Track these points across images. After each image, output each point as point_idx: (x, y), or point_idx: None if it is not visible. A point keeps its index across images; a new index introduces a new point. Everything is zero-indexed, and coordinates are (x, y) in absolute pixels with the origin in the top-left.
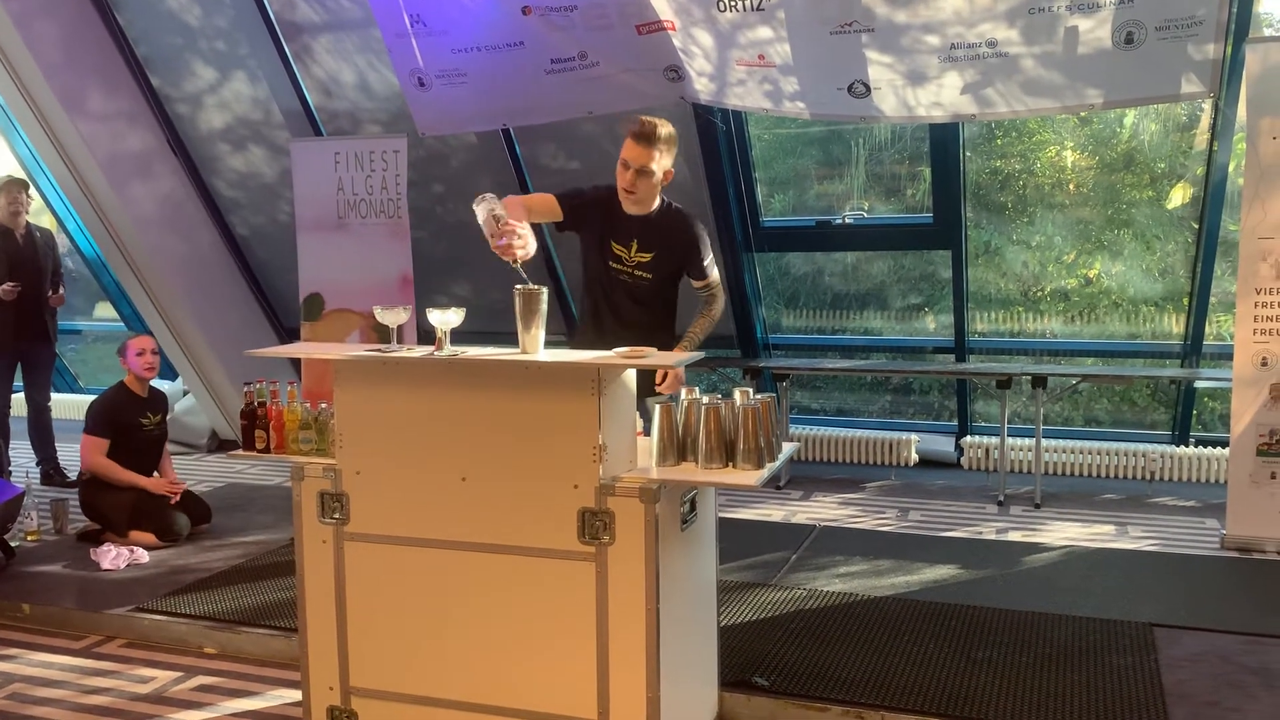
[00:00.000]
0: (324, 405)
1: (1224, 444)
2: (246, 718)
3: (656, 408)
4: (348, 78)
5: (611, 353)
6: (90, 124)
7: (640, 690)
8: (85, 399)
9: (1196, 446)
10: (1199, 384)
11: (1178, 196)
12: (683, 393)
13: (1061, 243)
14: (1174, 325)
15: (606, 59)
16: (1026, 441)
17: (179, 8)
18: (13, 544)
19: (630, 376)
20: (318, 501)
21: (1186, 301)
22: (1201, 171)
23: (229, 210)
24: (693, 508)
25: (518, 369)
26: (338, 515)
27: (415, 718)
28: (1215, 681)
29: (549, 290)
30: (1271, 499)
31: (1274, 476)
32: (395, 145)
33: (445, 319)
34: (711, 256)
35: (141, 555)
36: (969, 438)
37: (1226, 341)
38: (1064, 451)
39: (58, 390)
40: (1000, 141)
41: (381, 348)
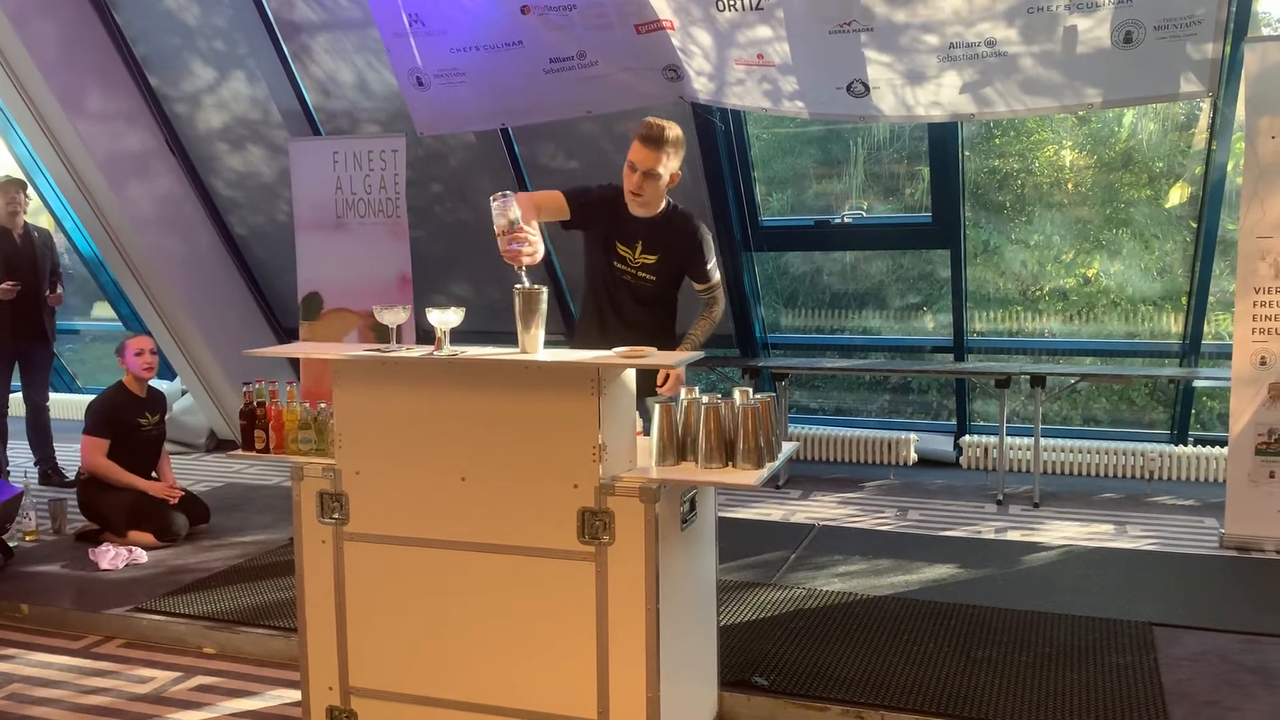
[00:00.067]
0: (323, 405)
1: (1223, 443)
2: (246, 718)
3: (656, 407)
4: (346, 77)
5: (611, 352)
6: (88, 124)
7: (640, 690)
8: (83, 399)
9: (1195, 446)
10: (1198, 383)
11: (1176, 196)
12: (682, 392)
13: (1060, 242)
14: (1173, 324)
15: (605, 58)
16: (1025, 441)
17: (177, 7)
18: (11, 544)
19: (630, 376)
20: (317, 501)
21: (1185, 301)
22: (1200, 171)
23: (227, 210)
24: (692, 507)
25: (517, 369)
26: (337, 515)
27: (415, 718)
28: (1214, 680)
29: (549, 290)
30: (1270, 498)
31: (1273, 475)
32: (394, 145)
33: (444, 319)
34: (715, 259)
35: (140, 555)
36: (968, 437)
37: (1225, 341)
38: (1063, 451)
39: (56, 390)
40: (999, 141)
41: (381, 347)
